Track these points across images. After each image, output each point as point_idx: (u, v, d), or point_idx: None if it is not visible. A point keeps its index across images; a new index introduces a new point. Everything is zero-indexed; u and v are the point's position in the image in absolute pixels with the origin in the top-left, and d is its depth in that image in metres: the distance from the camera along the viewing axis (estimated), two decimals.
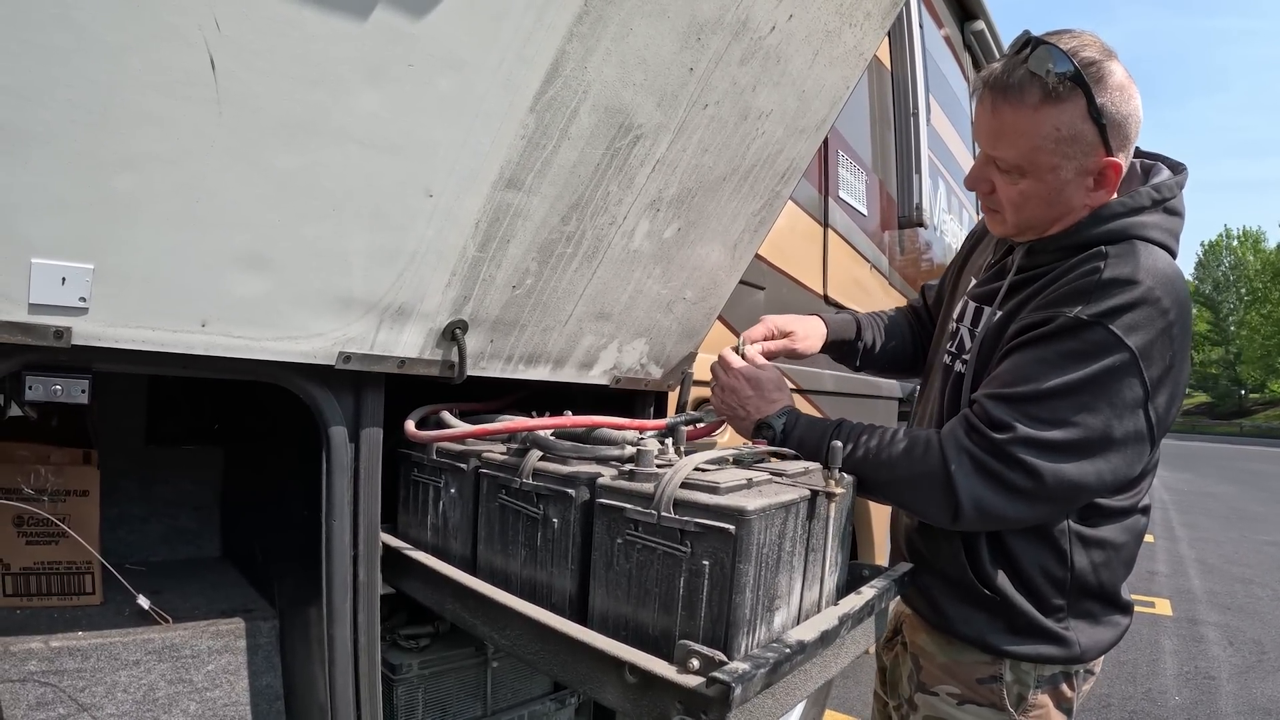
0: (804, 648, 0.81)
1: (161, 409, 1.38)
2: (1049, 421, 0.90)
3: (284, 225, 0.86)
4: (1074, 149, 0.93)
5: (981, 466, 0.92)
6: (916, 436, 0.99)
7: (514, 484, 1.00)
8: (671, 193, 1.13)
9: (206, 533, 1.43)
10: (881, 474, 0.99)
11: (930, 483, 0.95)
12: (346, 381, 1.02)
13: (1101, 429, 0.90)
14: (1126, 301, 0.90)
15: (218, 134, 0.78)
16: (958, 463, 0.93)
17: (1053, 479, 0.90)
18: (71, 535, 1.06)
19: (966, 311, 1.12)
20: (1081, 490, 0.92)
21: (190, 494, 1.42)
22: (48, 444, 1.09)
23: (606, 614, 0.89)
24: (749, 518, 0.78)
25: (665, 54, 1.00)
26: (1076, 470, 0.90)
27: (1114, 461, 0.92)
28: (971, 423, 0.95)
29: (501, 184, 0.96)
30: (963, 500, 0.92)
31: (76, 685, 1.02)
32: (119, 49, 0.72)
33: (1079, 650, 1.01)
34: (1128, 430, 0.91)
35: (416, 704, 1.24)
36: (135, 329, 0.84)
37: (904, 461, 0.97)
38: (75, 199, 0.76)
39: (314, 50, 0.79)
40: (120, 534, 1.32)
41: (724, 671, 0.70)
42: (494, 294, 1.04)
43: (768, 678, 0.73)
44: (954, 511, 0.94)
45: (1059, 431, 0.90)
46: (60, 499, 1.08)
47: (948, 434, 0.96)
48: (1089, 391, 0.90)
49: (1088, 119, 0.91)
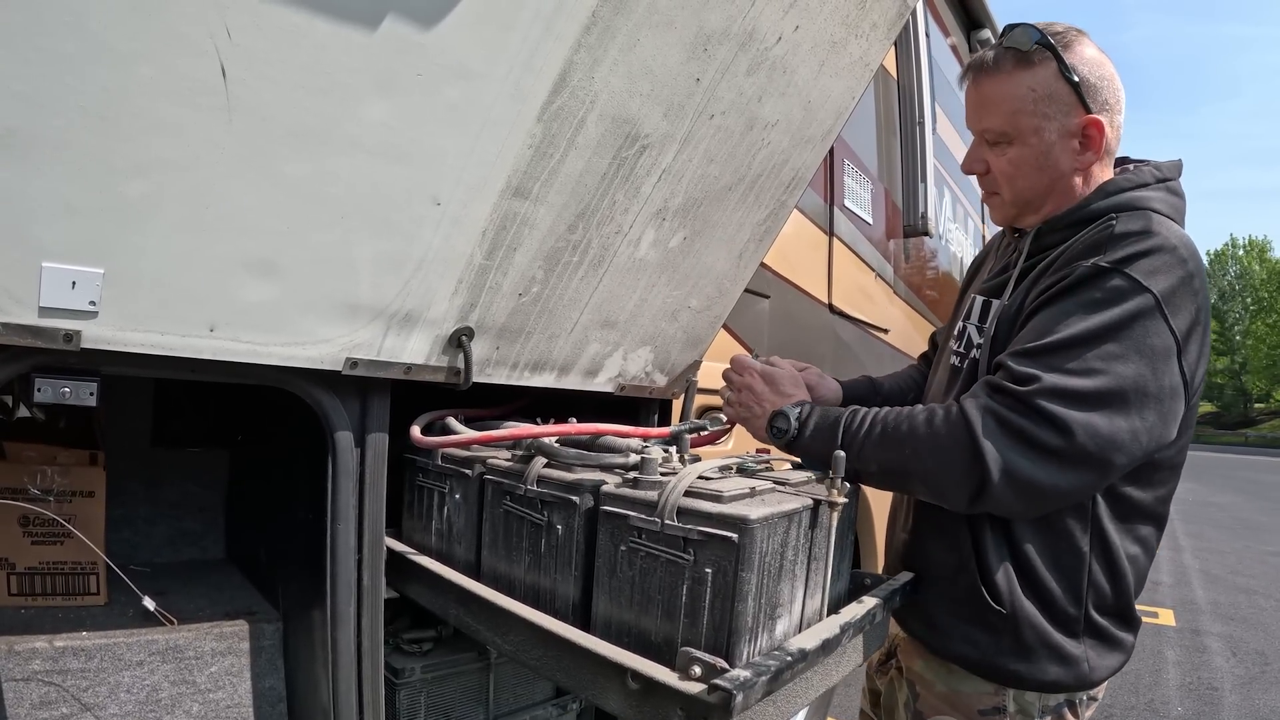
0: (805, 656, 0.81)
1: (167, 411, 1.39)
2: (1076, 371, 0.84)
3: (292, 232, 0.87)
4: (1052, 108, 0.95)
5: (1006, 424, 0.85)
6: (935, 407, 0.92)
7: (519, 490, 1.00)
8: (677, 202, 1.14)
9: (211, 535, 1.44)
10: (900, 451, 0.92)
11: (953, 451, 0.87)
12: (352, 387, 1.02)
13: (1134, 378, 0.84)
14: (1144, 249, 0.87)
15: (228, 141, 0.79)
16: (983, 424, 0.85)
17: (1084, 433, 0.83)
18: (77, 535, 1.07)
19: (974, 309, 1.08)
20: (1117, 448, 0.84)
21: (196, 496, 1.42)
22: (55, 445, 1.10)
23: (609, 620, 0.90)
24: (752, 526, 0.78)
25: (672, 64, 1.00)
26: (1109, 425, 0.83)
27: (1149, 418, 0.85)
28: (994, 383, 0.89)
29: (509, 193, 0.97)
30: (990, 466, 0.84)
31: (80, 685, 1.03)
32: (131, 57, 0.72)
33: (1087, 671, 0.96)
34: (1162, 383, 0.85)
35: (419, 708, 1.24)
36: (144, 333, 0.84)
37: (925, 432, 0.90)
38: (86, 204, 0.77)
39: (324, 59, 0.79)
40: (125, 535, 1.33)
41: (726, 679, 0.70)
42: (500, 301, 1.05)
43: (769, 685, 0.74)
44: (980, 481, 0.85)
45: (1088, 380, 0.83)
46: (66, 500, 1.09)
47: (969, 398, 0.90)
48: (1115, 338, 0.84)
49: (1060, 78, 0.94)
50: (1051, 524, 0.95)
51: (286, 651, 1.21)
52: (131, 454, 1.34)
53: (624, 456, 0.98)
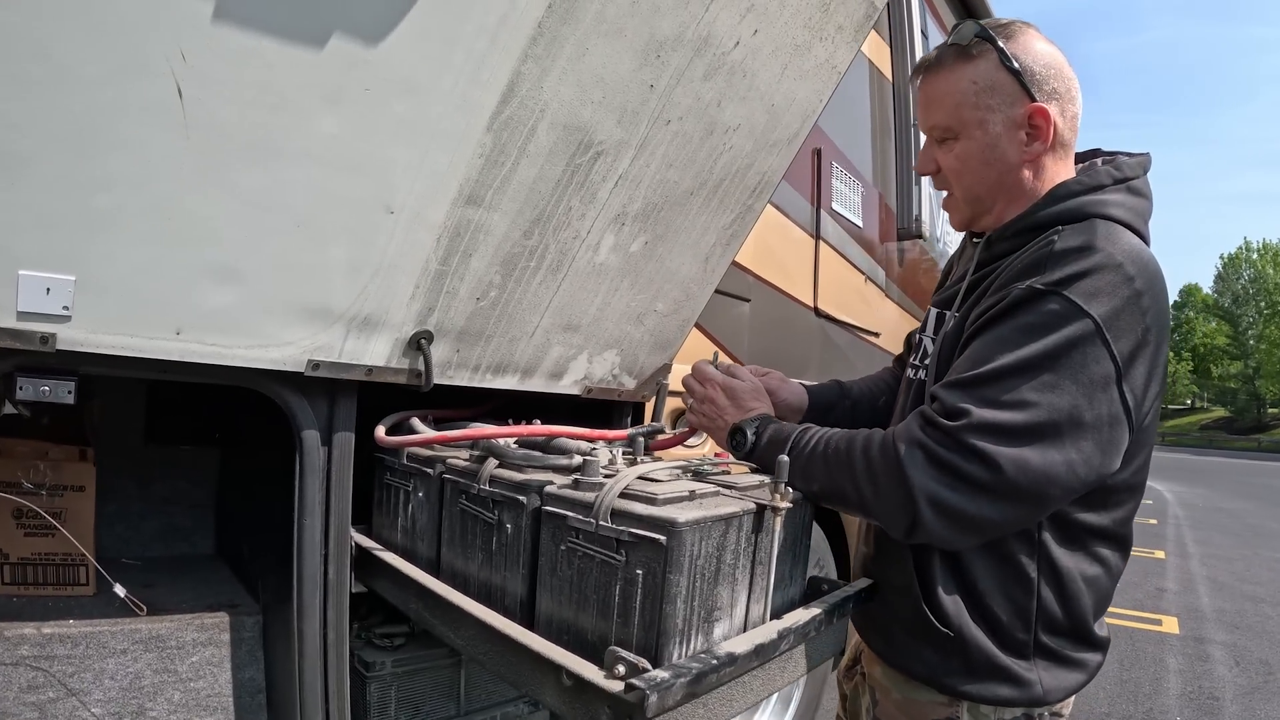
0: (734, 660, 0.81)
1: (160, 410, 1.46)
2: (1007, 404, 0.81)
3: (251, 240, 0.91)
4: (995, 99, 0.94)
5: (935, 459, 0.83)
6: (873, 435, 0.92)
7: (473, 489, 1.03)
8: (636, 207, 1.16)
9: (201, 531, 1.50)
10: (840, 476, 0.92)
11: (886, 484, 0.87)
12: (320, 388, 1.07)
13: (1068, 410, 0.81)
14: (1084, 268, 0.83)
15: (186, 156, 0.84)
16: (910, 457, 0.85)
17: (1014, 469, 0.80)
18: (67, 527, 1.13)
19: (930, 320, 1.09)
20: (1051, 482, 0.82)
21: (187, 493, 1.49)
22: (46, 441, 1.17)
23: (551, 618, 0.91)
24: (679, 529, 0.79)
25: (624, 72, 1.02)
26: (1041, 458, 0.81)
27: (1086, 449, 0.82)
28: (926, 414, 0.88)
29: (461, 200, 1.00)
30: (918, 499, 0.84)
31: (66, 671, 1.09)
32: (94, 81, 0.78)
33: (1041, 693, 0.93)
34: (1100, 412, 0.82)
35: (390, 701, 1.28)
36: (115, 335, 0.90)
37: (861, 463, 0.90)
38: (58, 216, 0.82)
39: (274, 77, 0.83)
40: (118, 530, 1.40)
41: (643, 679, 0.71)
42: (459, 306, 1.08)
43: (689, 687, 0.74)
44: (913, 515, 0.85)
45: (1019, 413, 0.81)
46: (58, 494, 1.15)
47: (902, 428, 0.89)
48: (1049, 367, 0.81)
49: (1001, 68, 0.93)
50: (997, 549, 0.93)
51: (266, 644, 1.26)
52: (125, 451, 1.41)
53: (569, 458, 1.00)
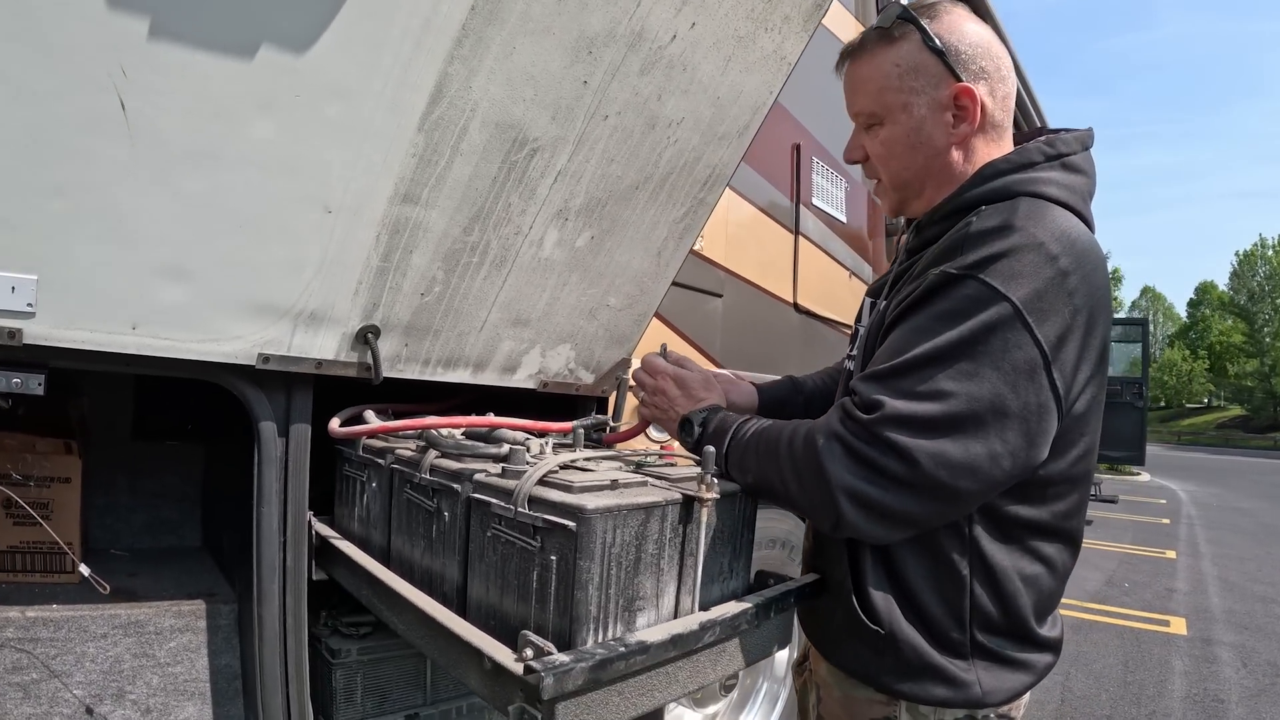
0: (646, 648, 0.81)
1: (147, 408, 1.54)
2: (922, 394, 0.79)
3: (197, 241, 0.96)
4: (919, 81, 0.91)
5: (852, 452, 0.82)
6: (799, 427, 0.90)
7: (415, 479, 1.06)
8: (579, 202, 1.18)
9: (188, 523, 1.57)
10: (768, 469, 0.91)
11: (808, 477, 0.85)
12: (277, 381, 1.11)
13: (989, 398, 0.78)
14: (1002, 249, 0.80)
15: (131, 164, 0.90)
16: (828, 451, 0.83)
17: (931, 462, 0.78)
18: (54, 517, 1.21)
19: (864, 309, 1.07)
20: (973, 474, 0.79)
21: (175, 487, 1.56)
22: (33, 434, 1.25)
23: (480, 604, 0.94)
24: (589, 516, 0.80)
25: (554, 69, 1.04)
26: (962, 451, 0.78)
27: (1010, 440, 0.79)
28: (845, 407, 0.85)
29: (398, 199, 1.03)
30: (837, 494, 0.82)
31: (49, 653, 1.15)
32: (45, 95, 0.84)
33: (980, 694, 0.89)
34: (1026, 400, 0.78)
35: (355, 688, 1.32)
36: (76, 331, 0.96)
37: (786, 456, 0.88)
38: (19, 220, 0.89)
39: (210, 87, 0.89)
40: (107, 522, 1.48)
41: (541, 662, 0.72)
42: (403, 301, 1.12)
43: (591, 673, 0.75)
44: (834, 510, 0.83)
45: (934, 404, 0.78)
46: (45, 485, 1.23)
47: (822, 422, 0.87)
48: (967, 355, 0.78)
49: (924, 49, 0.91)
50: (928, 545, 0.90)
51: (240, 632, 1.31)
52: (116, 447, 1.49)
53: (498, 448, 1.02)
